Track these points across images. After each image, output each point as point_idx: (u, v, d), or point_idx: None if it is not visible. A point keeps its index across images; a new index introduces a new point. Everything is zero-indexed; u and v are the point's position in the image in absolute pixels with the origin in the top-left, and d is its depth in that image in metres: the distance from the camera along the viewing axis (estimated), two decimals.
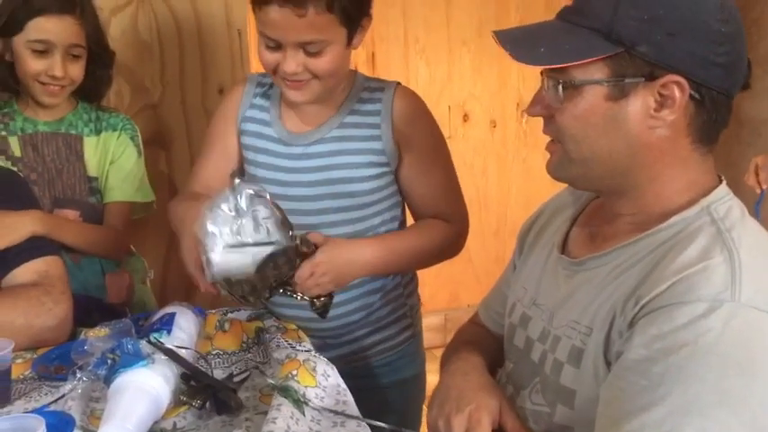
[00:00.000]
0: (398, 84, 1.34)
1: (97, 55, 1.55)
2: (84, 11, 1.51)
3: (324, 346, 1.33)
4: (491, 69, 2.94)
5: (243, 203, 1.07)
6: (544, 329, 0.96)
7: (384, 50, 2.79)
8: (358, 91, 1.32)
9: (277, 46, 1.19)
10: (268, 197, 1.10)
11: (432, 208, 1.35)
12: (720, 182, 0.90)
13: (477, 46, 2.89)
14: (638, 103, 0.83)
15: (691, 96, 0.82)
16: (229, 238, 1.07)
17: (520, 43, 0.87)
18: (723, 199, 0.86)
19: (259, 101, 1.36)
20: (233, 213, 1.07)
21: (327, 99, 1.30)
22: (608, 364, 0.84)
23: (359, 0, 1.20)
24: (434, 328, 2.95)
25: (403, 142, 1.31)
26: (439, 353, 1.19)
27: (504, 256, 2.96)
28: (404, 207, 1.42)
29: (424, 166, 1.33)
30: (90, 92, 1.59)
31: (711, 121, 0.85)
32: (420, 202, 1.36)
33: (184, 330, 1.16)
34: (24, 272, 1.24)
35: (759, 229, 0.86)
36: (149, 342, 1.06)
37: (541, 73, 0.89)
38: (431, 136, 1.34)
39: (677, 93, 0.81)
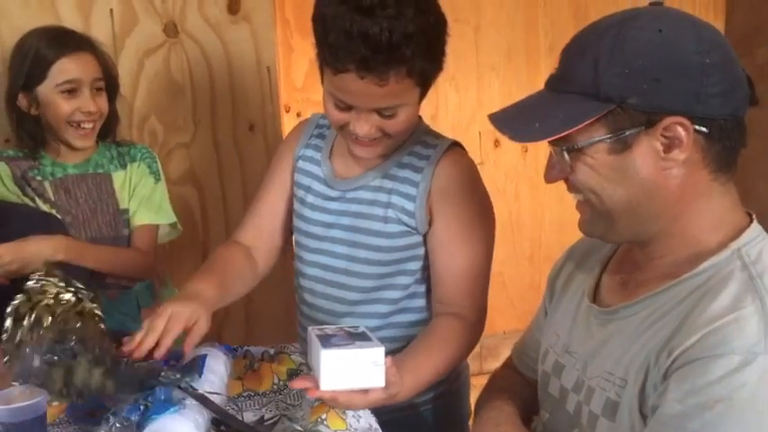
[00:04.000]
0: (452, 144, 1.27)
1: (108, 89, 1.59)
2: (94, 46, 1.57)
3: None
4: (521, 94, 2.88)
5: None
6: (578, 379, 0.94)
7: None
8: (413, 143, 1.26)
9: (348, 107, 1.14)
10: None
11: (449, 292, 1.25)
12: (751, 220, 0.87)
13: (506, 71, 2.89)
14: (645, 150, 0.82)
15: (697, 131, 0.81)
16: None
17: (515, 122, 0.88)
18: (755, 241, 0.84)
19: (315, 141, 1.36)
20: None
21: None
22: (644, 417, 0.83)
23: (435, 60, 1.14)
24: (471, 356, 2.91)
25: (435, 211, 1.24)
26: (475, 380, 1.17)
27: (539, 282, 2.93)
28: None
29: (449, 243, 1.24)
30: (105, 129, 1.61)
31: (725, 149, 0.84)
32: (438, 278, 1.26)
33: (215, 373, 1.16)
34: None
35: None
36: (180, 388, 1.07)
37: (548, 142, 0.88)
38: (466, 213, 1.23)
39: (682, 132, 0.80)
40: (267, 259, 1.38)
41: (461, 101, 2.88)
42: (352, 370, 0.99)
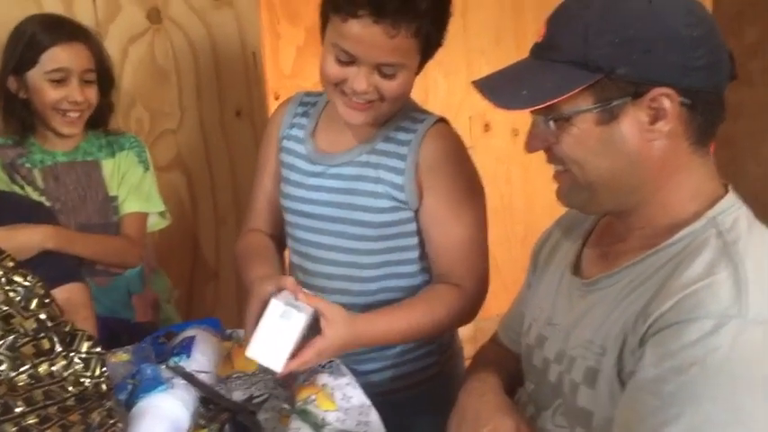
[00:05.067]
0: (438, 120, 1.26)
1: (101, 80, 1.60)
2: (88, 37, 1.57)
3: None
4: None
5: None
6: (560, 350, 0.95)
7: None
8: (400, 118, 1.26)
9: (350, 61, 1.14)
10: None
11: (445, 263, 1.25)
12: (726, 191, 0.89)
13: (495, 56, 2.89)
14: (631, 121, 0.83)
15: (682, 103, 0.82)
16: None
17: (502, 90, 0.87)
18: (729, 210, 0.85)
19: (299, 119, 1.36)
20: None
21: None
22: (622, 383, 0.84)
23: (441, 29, 1.17)
24: (465, 339, 2.92)
25: (424, 185, 1.24)
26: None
27: None
28: None
29: (442, 216, 1.24)
30: (96, 119, 1.62)
31: (706, 122, 0.85)
32: (434, 253, 1.27)
33: (204, 354, 1.17)
34: None
35: (766, 238, 0.84)
36: (168, 367, 1.08)
37: (531, 111, 0.89)
38: (455, 185, 1.24)
39: (667, 103, 0.81)
40: (283, 240, 1.41)
41: (450, 86, 2.87)
42: (276, 337, 1.02)
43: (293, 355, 1.05)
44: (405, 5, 1.08)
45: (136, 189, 1.65)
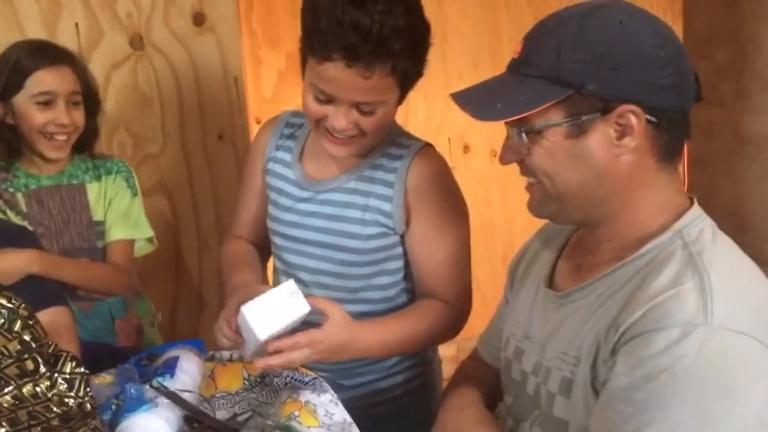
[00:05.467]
0: (424, 146, 1.29)
1: (87, 104, 1.61)
2: (74, 60, 1.58)
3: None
4: None
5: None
6: (536, 362, 0.98)
7: None
8: (387, 145, 1.28)
9: (328, 100, 1.16)
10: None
11: (432, 284, 1.28)
12: (692, 203, 0.92)
13: (473, 78, 2.85)
14: (599, 136, 0.86)
15: (648, 120, 0.85)
16: None
17: (477, 102, 0.90)
18: (695, 222, 0.89)
19: (286, 142, 1.37)
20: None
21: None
22: (596, 392, 0.86)
23: (418, 62, 1.17)
24: (447, 358, 2.93)
25: (412, 210, 1.26)
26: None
27: None
28: None
29: (429, 239, 1.27)
30: (82, 142, 1.63)
31: (672, 140, 0.88)
32: (421, 274, 1.30)
33: (187, 373, 1.18)
34: None
35: (730, 249, 0.88)
36: (152, 386, 1.09)
37: (505, 123, 0.92)
38: (441, 209, 1.27)
39: (634, 120, 0.85)
40: (266, 251, 1.44)
41: (430, 108, 2.92)
42: (274, 310, 1.05)
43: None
44: (378, 48, 1.08)
45: (124, 215, 1.65)
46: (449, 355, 2.99)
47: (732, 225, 0.91)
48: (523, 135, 0.89)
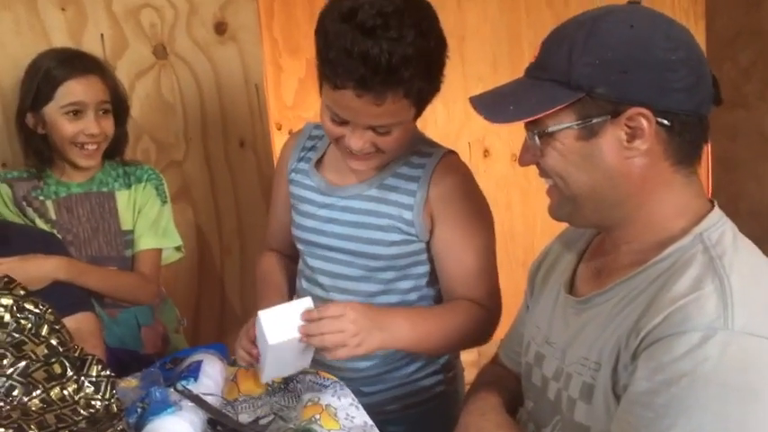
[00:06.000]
0: (447, 153, 1.29)
1: (117, 111, 1.63)
2: (103, 70, 1.60)
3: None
4: None
5: None
6: (558, 367, 0.98)
7: None
8: (408, 153, 1.28)
9: (344, 122, 1.16)
10: None
11: (460, 289, 1.28)
12: (713, 206, 0.92)
13: (493, 82, 2.88)
14: (610, 139, 0.87)
15: (659, 123, 0.85)
16: None
17: (492, 105, 0.92)
18: (716, 225, 0.88)
19: (308, 153, 1.39)
20: None
21: None
22: (617, 398, 0.86)
23: (433, 81, 1.16)
24: (468, 363, 2.93)
25: (435, 218, 1.27)
26: None
27: None
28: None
29: (455, 244, 1.27)
30: (111, 149, 1.65)
31: (686, 143, 0.88)
32: (448, 281, 1.30)
33: (211, 377, 1.20)
34: None
35: (751, 252, 0.88)
36: (176, 390, 1.11)
37: (525, 127, 0.93)
38: (466, 214, 1.27)
39: (644, 123, 0.85)
40: (297, 258, 1.46)
41: (450, 113, 2.93)
42: (289, 320, 1.08)
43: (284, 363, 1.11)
44: (388, 78, 1.07)
45: (153, 224, 1.66)
46: (470, 360, 2.99)
47: (758, 227, 0.90)
48: (536, 137, 0.90)
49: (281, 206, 1.45)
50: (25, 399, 0.99)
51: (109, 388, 1.06)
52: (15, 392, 1.00)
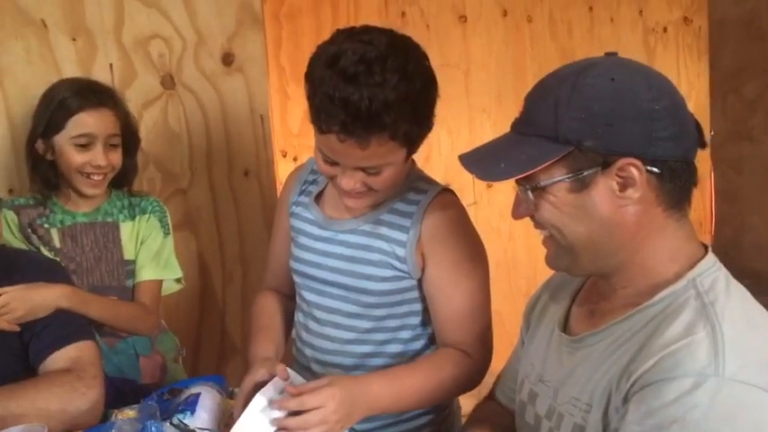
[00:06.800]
0: (442, 191, 1.29)
1: (127, 143, 1.65)
2: (116, 102, 1.63)
3: None
4: None
5: None
6: (550, 406, 0.98)
7: None
8: (405, 189, 1.28)
9: (335, 163, 1.17)
10: None
11: (450, 331, 1.27)
12: (706, 251, 0.93)
13: (497, 113, 2.97)
14: (602, 189, 0.88)
15: (649, 171, 0.87)
16: None
17: (482, 163, 0.94)
18: (708, 271, 0.89)
19: (309, 187, 1.41)
20: None
21: None
22: None
23: (422, 122, 1.16)
24: (468, 394, 2.93)
25: (427, 255, 1.26)
26: None
27: None
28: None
29: (446, 285, 1.26)
30: (120, 179, 1.68)
31: (677, 188, 0.89)
32: (439, 321, 1.29)
33: (208, 410, 1.21)
34: (58, 359, 1.30)
35: (744, 299, 0.88)
36: (172, 424, 1.12)
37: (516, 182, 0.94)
38: (457, 254, 1.26)
39: (635, 173, 0.86)
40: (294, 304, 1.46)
41: (454, 143, 2.95)
42: (256, 428, 1.06)
43: None
44: (369, 124, 1.08)
45: (155, 256, 1.67)
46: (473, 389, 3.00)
47: (762, 260, 0.90)
48: (529, 192, 0.91)
49: (281, 244, 1.45)
50: None
51: None
52: None
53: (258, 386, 1.13)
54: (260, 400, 1.09)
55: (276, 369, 1.13)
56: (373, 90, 1.06)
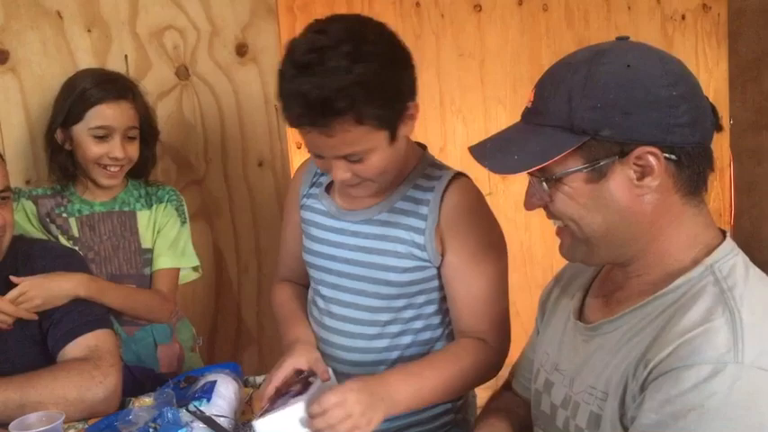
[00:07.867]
0: (456, 175, 1.27)
1: (146, 134, 1.67)
2: (135, 95, 1.64)
3: None
4: None
5: None
6: (566, 395, 0.97)
7: (421, 112, 2.84)
8: (417, 176, 1.27)
9: (320, 156, 1.17)
10: None
11: (468, 318, 1.26)
12: (724, 237, 0.91)
13: (512, 103, 2.95)
14: (620, 178, 0.86)
15: (667, 159, 0.85)
16: None
17: (494, 155, 0.91)
18: (727, 257, 0.88)
19: (319, 179, 1.39)
20: None
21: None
22: (625, 429, 0.86)
23: (389, 102, 1.11)
24: (486, 385, 2.92)
25: (446, 242, 1.24)
26: None
27: None
28: None
29: (464, 271, 1.24)
30: (138, 169, 1.69)
31: (695, 174, 0.88)
32: (457, 308, 1.27)
33: (224, 398, 1.21)
34: (76, 347, 1.31)
35: (763, 284, 0.87)
36: (188, 411, 1.12)
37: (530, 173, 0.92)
38: (476, 239, 1.24)
39: (653, 161, 0.84)
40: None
41: (469, 133, 2.93)
42: (287, 427, 1.06)
43: None
44: (323, 112, 1.05)
45: (172, 244, 1.68)
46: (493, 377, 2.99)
47: None
48: (544, 184, 0.89)
49: (293, 236, 1.44)
50: None
51: None
52: None
53: (297, 373, 1.17)
54: (300, 408, 1.07)
55: (318, 369, 1.17)
56: (323, 78, 1.05)
